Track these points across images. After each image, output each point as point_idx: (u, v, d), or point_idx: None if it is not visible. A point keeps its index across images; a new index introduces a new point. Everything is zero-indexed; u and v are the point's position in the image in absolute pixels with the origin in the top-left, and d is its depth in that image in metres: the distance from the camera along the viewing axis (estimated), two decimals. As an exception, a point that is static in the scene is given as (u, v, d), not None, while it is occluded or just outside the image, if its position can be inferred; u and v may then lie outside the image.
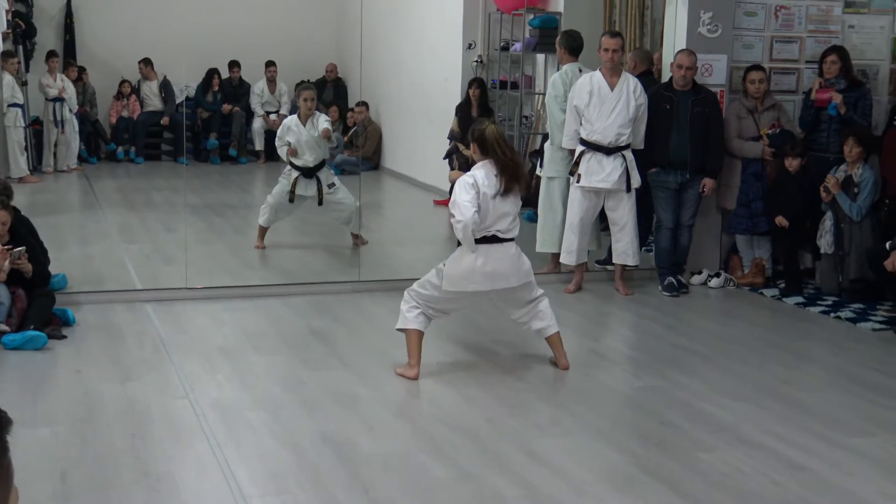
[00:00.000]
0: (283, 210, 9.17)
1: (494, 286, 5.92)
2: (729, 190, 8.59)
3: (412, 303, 5.99)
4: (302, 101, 9.14)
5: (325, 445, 4.94)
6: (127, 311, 7.20)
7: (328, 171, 9.21)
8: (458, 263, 5.87)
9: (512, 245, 5.93)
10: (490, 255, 5.85)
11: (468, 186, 5.77)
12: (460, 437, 5.09)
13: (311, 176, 9.09)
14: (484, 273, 5.85)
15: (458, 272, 5.86)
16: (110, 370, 5.98)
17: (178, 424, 5.19)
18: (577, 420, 5.40)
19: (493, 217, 5.82)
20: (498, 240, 5.87)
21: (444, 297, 5.95)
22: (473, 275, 5.85)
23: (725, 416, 5.50)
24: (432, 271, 6.01)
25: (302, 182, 9.09)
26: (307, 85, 9.57)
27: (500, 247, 5.87)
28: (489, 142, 5.78)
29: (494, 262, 5.85)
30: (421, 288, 5.99)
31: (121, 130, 13.06)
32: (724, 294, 8.38)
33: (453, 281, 5.88)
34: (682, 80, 8.19)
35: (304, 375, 5.99)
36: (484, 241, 5.84)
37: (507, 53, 11.49)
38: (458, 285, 5.88)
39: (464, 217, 5.71)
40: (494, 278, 5.88)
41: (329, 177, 9.16)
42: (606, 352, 6.78)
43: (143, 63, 13.02)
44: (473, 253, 5.81)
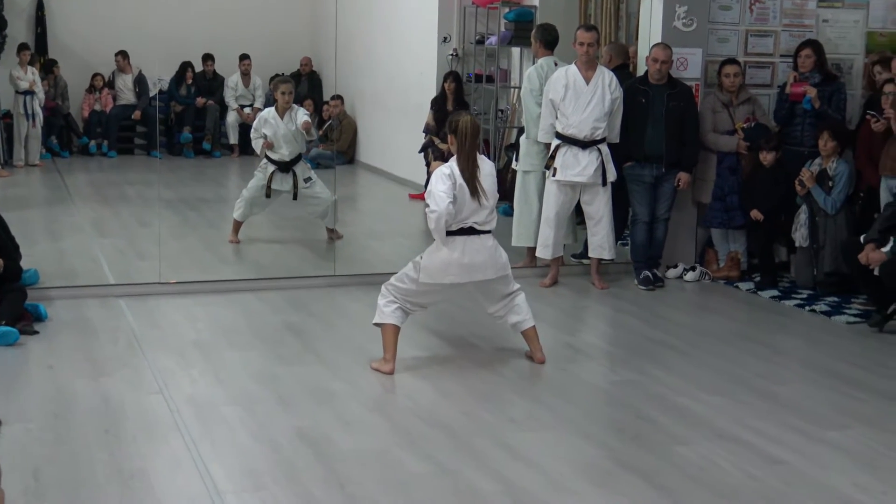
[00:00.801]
0: (258, 205, 9.12)
1: (472, 278, 5.91)
2: (704, 184, 8.61)
3: (389, 297, 5.97)
4: (279, 95, 9.08)
5: (301, 441, 4.91)
6: (100, 307, 7.15)
7: (304, 165, 9.17)
8: (435, 255, 5.86)
9: (489, 237, 5.92)
10: (467, 247, 5.84)
11: (444, 177, 5.75)
12: (436, 432, 5.08)
13: (287, 170, 9.04)
14: (461, 265, 5.84)
15: (435, 264, 5.85)
16: (83, 366, 5.93)
17: (152, 420, 5.15)
18: (554, 414, 5.40)
19: (470, 209, 5.81)
20: (475, 231, 5.86)
21: (421, 290, 5.93)
22: (451, 267, 5.84)
23: (701, 409, 5.51)
24: (409, 265, 5.99)
25: (278, 176, 9.04)
26: (284, 78, 9.53)
27: (477, 239, 5.87)
28: (458, 132, 5.79)
29: (472, 253, 5.84)
30: (398, 282, 5.97)
31: (93, 124, 12.97)
32: (700, 288, 8.40)
33: (430, 273, 5.86)
34: (658, 73, 8.20)
35: (279, 371, 5.96)
36: (461, 233, 5.83)
37: (482, 47, 11.47)
38: (436, 277, 5.87)
39: (438, 207, 5.69)
40: (472, 270, 5.88)
41: (305, 171, 9.11)
42: (582, 346, 6.78)
43: (119, 56, 12.92)
44: (446, 246, 5.80)
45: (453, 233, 5.81)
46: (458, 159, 5.81)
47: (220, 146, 12.87)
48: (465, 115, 5.85)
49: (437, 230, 5.76)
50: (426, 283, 5.89)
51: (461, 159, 5.80)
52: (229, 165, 12.81)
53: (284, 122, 9.00)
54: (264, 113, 9.20)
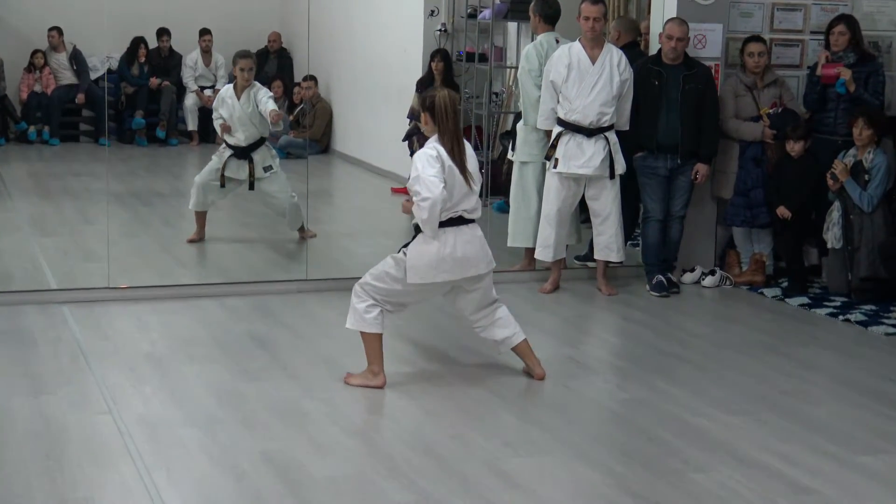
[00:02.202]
0: (212, 192, 9.09)
1: (465, 274, 5.91)
2: (725, 177, 8.64)
3: (368, 300, 5.93)
4: (238, 71, 9.09)
5: (268, 467, 4.92)
6: (40, 314, 7.15)
7: (267, 152, 9.12)
8: (423, 251, 5.83)
9: (477, 227, 5.95)
10: (458, 238, 5.85)
11: (431, 159, 5.75)
12: (421, 457, 5.09)
13: (244, 157, 9.03)
14: (455, 260, 5.84)
15: (424, 261, 5.82)
16: (21, 382, 5.93)
17: (100, 444, 5.15)
18: (554, 437, 5.42)
19: (460, 194, 5.82)
20: (464, 221, 5.88)
21: (407, 290, 5.92)
22: (443, 263, 5.82)
23: (720, 431, 5.54)
24: (388, 260, 5.94)
25: (234, 163, 9.01)
26: (244, 52, 9.48)
27: (466, 229, 5.89)
28: (437, 110, 5.80)
29: (463, 246, 5.85)
30: (378, 281, 5.93)
31: (33, 107, 12.92)
32: (720, 294, 8.43)
33: (420, 272, 5.84)
34: (673, 52, 8.23)
35: (244, 387, 5.97)
36: (450, 224, 5.84)
37: (474, 21, 11.48)
38: (426, 276, 5.84)
39: (432, 193, 5.68)
40: (465, 265, 5.88)
41: (267, 158, 9.08)
42: (586, 359, 6.80)
43: (54, 31, 12.88)
44: (436, 239, 5.79)
45: (443, 224, 5.81)
46: (441, 140, 5.81)
47: (177, 133, 12.83)
48: (442, 90, 5.85)
49: (430, 221, 5.73)
50: (416, 283, 5.88)
51: (445, 139, 5.80)
52: (187, 155, 12.78)
53: (241, 104, 8.99)
54: (223, 91, 9.21)
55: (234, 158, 9.02)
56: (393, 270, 5.91)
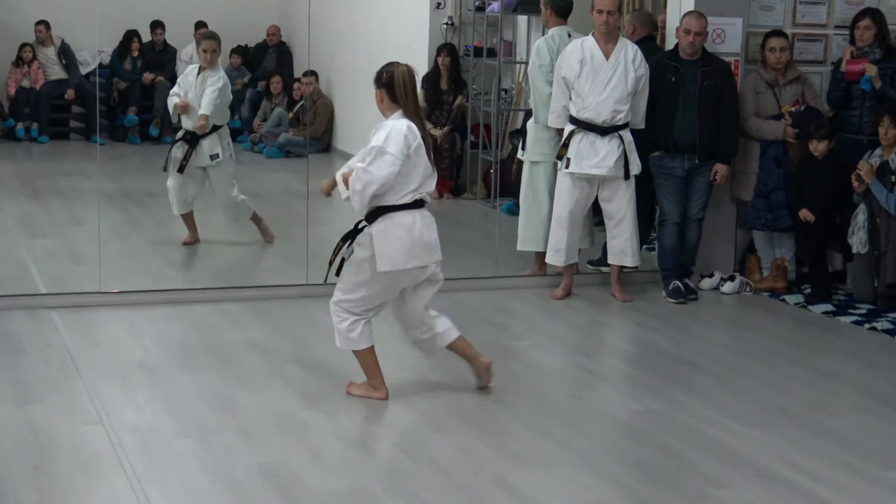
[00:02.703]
0: (186, 189, 8.99)
1: (430, 259, 5.85)
2: (745, 178, 8.65)
3: (348, 317, 5.86)
4: (201, 52, 9.06)
5: (265, 480, 4.93)
6: (28, 320, 7.17)
7: (218, 141, 9.03)
8: (392, 237, 5.73)
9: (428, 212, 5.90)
10: (423, 222, 5.81)
11: (401, 136, 5.68)
12: (425, 470, 5.10)
13: (192, 142, 8.98)
14: (423, 244, 5.79)
15: (395, 247, 5.73)
16: (8, 390, 5.94)
17: (90, 455, 5.17)
18: (565, 450, 5.42)
19: (424, 175, 5.80)
20: (423, 204, 5.84)
21: (379, 286, 5.81)
22: (414, 248, 5.75)
23: (740, 444, 5.54)
24: (349, 268, 5.85)
25: (180, 146, 9.02)
26: (210, 33, 9.44)
27: (427, 212, 5.87)
28: (397, 85, 5.76)
29: (427, 230, 5.82)
30: (351, 293, 5.85)
31: (21, 104, 12.94)
32: (740, 301, 8.43)
33: (392, 259, 5.73)
34: (690, 47, 8.23)
35: (240, 397, 5.98)
36: (415, 207, 5.80)
37: (482, 15, 11.50)
38: (398, 263, 5.73)
39: (378, 173, 5.63)
40: (430, 250, 5.84)
41: (215, 146, 9.00)
42: (599, 369, 6.81)
43: (42, 25, 12.90)
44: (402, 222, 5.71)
45: (408, 206, 5.77)
46: (406, 117, 5.77)
47: (171, 130, 12.85)
48: (400, 65, 5.79)
49: (362, 198, 5.66)
50: (386, 272, 5.73)
51: (408, 116, 5.77)
52: (182, 153, 12.81)
53: (197, 86, 8.96)
54: (188, 69, 9.18)
55: (182, 142, 9.01)
56: (359, 275, 5.81)
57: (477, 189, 11.23)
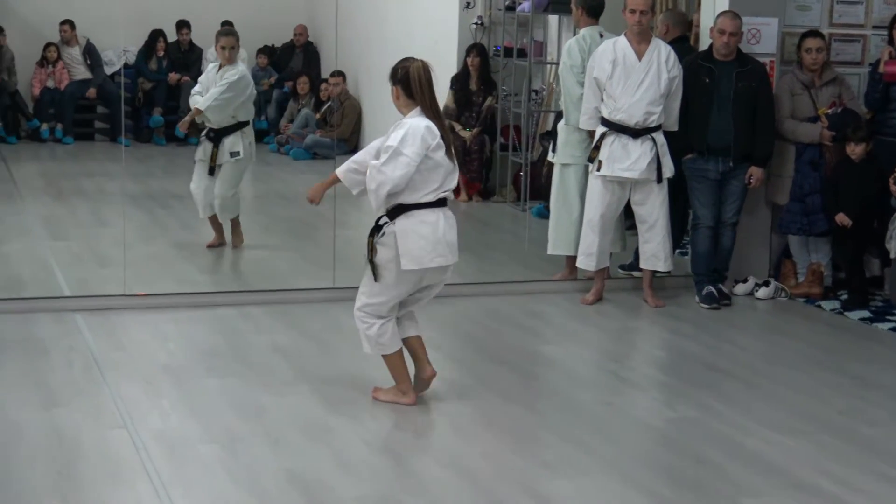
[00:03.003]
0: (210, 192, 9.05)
1: (453, 259, 5.87)
2: (780, 181, 8.63)
3: (376, 321, 5.88)
4: (219, 49, 9.12)
5: (292, 486, 4.95)
6: (52, 322, 7.21)
7: (240, 139, 9.06)
8: (415, 236, 5.74)
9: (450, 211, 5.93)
10: (446, 221, 5.83)
11: (419, 136, 5.69)
12: (453, 477, 5.11)
13: (214, 141, 9.03)
14: (447, 243, 5.80)
15: (420, 245, 5.73)
16: (32, 394, 5.98)
17: (115, 460, 5.20)
18: (595, 458, 5.42)
19: (445, 173, 5.81)
20: (444, 203, 5.86)
21: (404, 286, 5.83)
22: (438, 246, 5.76)
23: (774, 453, 5.53)
24: (367, 273, 5.87)
25: (204, 145, 9.10)
26: (227, 30, 9.47)
27: (448, 210, 5.88)
28: (413, 81, 5.80)
29: (449, 230, 5.84)
30: (374, 297, 5.86)
31: (45, 104, 13.02)
32: (775, 306, 8.41)
33: (416, 257, 5.74)
34: (725, 48, 8.22)
35: (266, 402, 6.00)
36: (438, 205, 5.82)
37: (513, 14, 11.51)
38: (423, 261, 5.74)
39: (392, 174, 5.65)
40: (452, 249, 5.85)
41: (237, 144, 9.04)
42: (631, 375, 6.81)
43: (66, 25, 12.97)
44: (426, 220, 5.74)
45: (432, 204, 5.79)
46: (421, 114, 5.79)
47: (197, 131, 12.92)
48: (414, 61, 5.85)
49: (377, 199, 5.72)
50: (410, 270, 5.74)
51: (427, 112, 5.80)
52: (208, 154, 12.86)
53: (217, 82, 9.00)
54: (209, 67, 9.23)
55: (206, 141, 9.08)
56: (385, 278, 5.82)
57: (507, 192, 11.24)
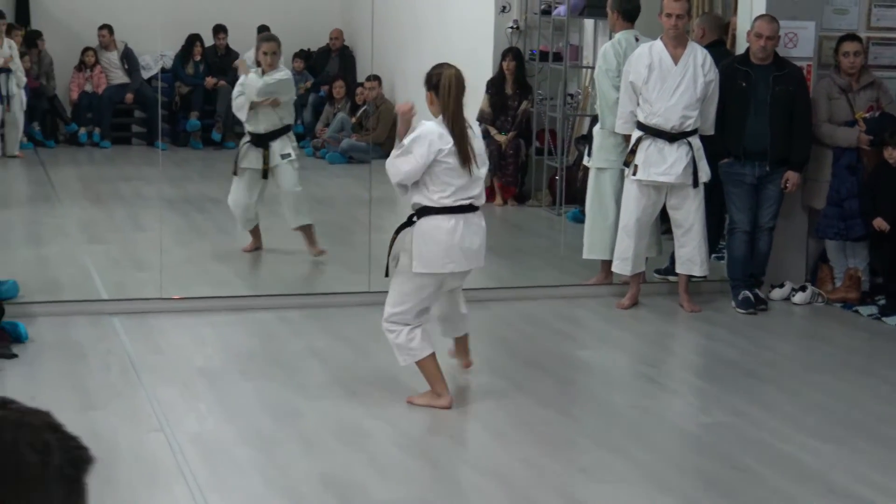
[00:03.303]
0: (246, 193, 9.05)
1: (469, 265, 5.95)
2: (817, 186, 8.59)
3: (403, 328, 5.92)
4: (262, 55, 9.08)
5: (327, 490, 4.96)
6: (90, 326, 7.25)
7: (287, 141, 9.03)
8: (430, 240, 5.82)
9: (481, 216, 5.99)
10: (467, 228, 5.87)
11: (426, 141, 5.77)
12: (488, 482, 5.11)
13: (261, 145, 8.96)
14: (462, 249, 5.85)
15: (433, 250, 5.81)
16: (70, 396, 6.02)
17: (151, 463, 5.23)
18: (631, 463, 5.41)
19: (460, 181, 5.85)
20: (473, 209, 5.91)
21: (424, 292, 5.90)
22: (451, 251, 5.82)
23: (811, 459, 5.51)
24: (396, 279, 5.97)
25: (250, 151, 8.96)
26: (267, 35, 9.48)
27: (474, 217, 5.93)
28: (441, 88, 5.86)
29: (471, 237, 5.89)
30: (398, 306, 5.93)
31: (83, 108, 13.11)
32: (811, 312, 8.37)
33: (428, 261, 5.82)
34: (762, 52, 8.19)
35: (302, 405, 6.02)
36: (459, 211, 5.86)
37: (548, 18, 11.51)
38: (434, 266, 5.82)
39: (400, 167, 5.82)
40: (470, 256, 5.91)
41: (286, 146, 8.99)
42: (667, 380, 6.79)
43: (105, 30, 13.06)
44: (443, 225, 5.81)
45: (452, 210, 5.85)
46: (445, 122, 5.85)
47: (234, 135, 12.97)
48: (449, 67, 5.93)
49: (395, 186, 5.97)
50: (420, 272, 5.82)
51: (447, 120, 5.85)
52: (244, 159, 12.90)
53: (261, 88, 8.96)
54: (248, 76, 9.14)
55: (251, 147, 8.98)
56: (406, 285, 5.91)
57: (542, 196, 11.24)
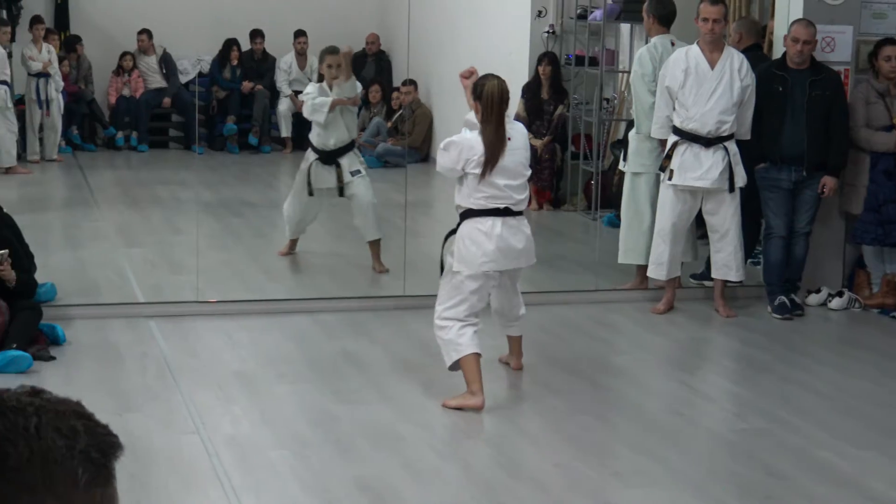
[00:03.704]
0: (305, 218, 9.08)
1: (508, 265, 6.14)
2: (854, 191, 8.54)
3: (454, 324, 6.03)
4: (326, 68, 9.00)
5: (361, 493, 4.97)
6: (127, 329, 7.29)
7: (355, 157, 8.99)
8: (469, 241, 6.06)
9: (523, 219, 6.19)
10: (505, 230, 6.08)
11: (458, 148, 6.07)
12: (523, 486, 5.10)
13: (330, 162, 8.90)
14: (501, 249, 6.06)
15: (472, 251, 6.05)
16: (106, 399, 6.05)
17: (187, 465, 5.25)
18: (666, 468, 5.39)
19: (493, 190, 6.05)
20: (510, 213, 6.10)
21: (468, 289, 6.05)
22: (489, 252, 6.04)
23: (848, 466, 5.47)
24: (444, 280, 6.17)
25: (320, 170, 8.88)
26: (330, 48, 9.44)
27: (513, 220, 6.11)
28: (484, 98, 6.04)
29: (508, 238, 6.08)
30: (447, 303, 6.09)
31: (121, 112, 13.18)
32: (848, 317, 8.32)
33: (467, 261, 6.05)
34: (799, 56, 8.15)
35: (337, 409, 6.03)
36: (496, 214, 6.06)
37: (584, 23, 11.49)
38: (472, 265, 6.04)
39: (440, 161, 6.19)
40: (509, 256, 6.10)
41: (354, 162, 8.93)
42: (702, 386, 6.76)
43: (143, 35, 13.13)
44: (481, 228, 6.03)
45: (487, 212, 6.04)
46: (483, 131, 6.04)
47: (270, 139, 13.02)
48: (493, 78, 6.11)
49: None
50: (470, 275, 6.03)
51: (488, 131, 6.03)
52: (280, 162, 12.94)
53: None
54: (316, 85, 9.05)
55: (320, 165, 8.90)
56: (450, 284, 6.12)
57: (577, 200, 11.22)
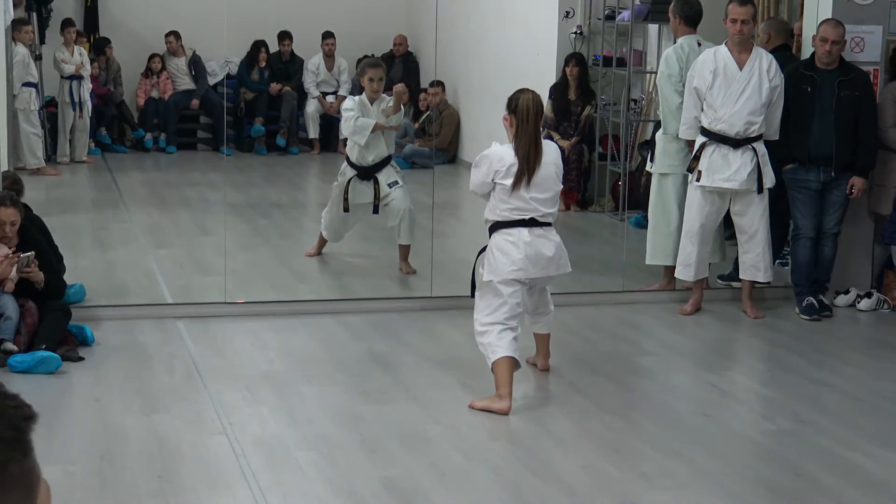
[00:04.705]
0: (346, 220, 8.99)
1: (536, 273, 6.20)
2: (883, 191, 8.50)
3: (495, 327, 6.05)
4: (367, 81, 8.90)
5: (389, 494, 4.97)
6: (155, 330, 7.32)
7: (392, 170, 8.92)
8: (497, 251, 6.16)
9: (552, 229, 6.24)
10: (532, 238, 6.15)
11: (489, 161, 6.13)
12: (550, 488, 5.09)
13: (368, 177, 8.83)
14: (529, 257, 6.13)
15: (500, 260, 6.14)
16: (135, 399, 6.08)
17: (214, 465, 5.25)
18: (694, 470, 5.37)
19: (519, 202, 6.12)
20: (537, 223, 6.16)
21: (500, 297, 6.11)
22: (517, 260, 6.12)
23: (876, 468, 5.44)
24: (479, 291, 6.24)
25: (357, 186, 8.81)
26: (373, 61, 9.37)
27: (539, 230, 6.18)
28: (519, 112, 6.09)
29: (535, 246, 6.15)
30: (482, 313, 6.13)
31: (149, 114, 13.23)
32: (877, 318, 8.28)
33: (496, 269, 6.13)
34: (827, 56, 8.11)
35: (364, 410, 6.03)
36: (523, 224, 6.14)
37: (612, 24, 11.46)
38: (501, 273, 6.12)
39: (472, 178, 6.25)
40: (537, 263, 6.16)
41: (391, 174, 8.86)
42: (730, 387, 6.73)
43: (172, 36, 13.17)
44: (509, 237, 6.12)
45: (516, 223, 6.12)
46: (517, 143, 6.10)
47: (298, 141, 13.05)
48: (528, 92, 6.15)
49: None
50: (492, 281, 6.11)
51: (522, 143, 6.09)
52: (308, 164, 12.97)
53: (379, 116, 8.81)
54: (349, 102, 8.98)
55: (357, 181, 8.82)
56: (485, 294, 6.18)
57: (605, 201, 11.19)
